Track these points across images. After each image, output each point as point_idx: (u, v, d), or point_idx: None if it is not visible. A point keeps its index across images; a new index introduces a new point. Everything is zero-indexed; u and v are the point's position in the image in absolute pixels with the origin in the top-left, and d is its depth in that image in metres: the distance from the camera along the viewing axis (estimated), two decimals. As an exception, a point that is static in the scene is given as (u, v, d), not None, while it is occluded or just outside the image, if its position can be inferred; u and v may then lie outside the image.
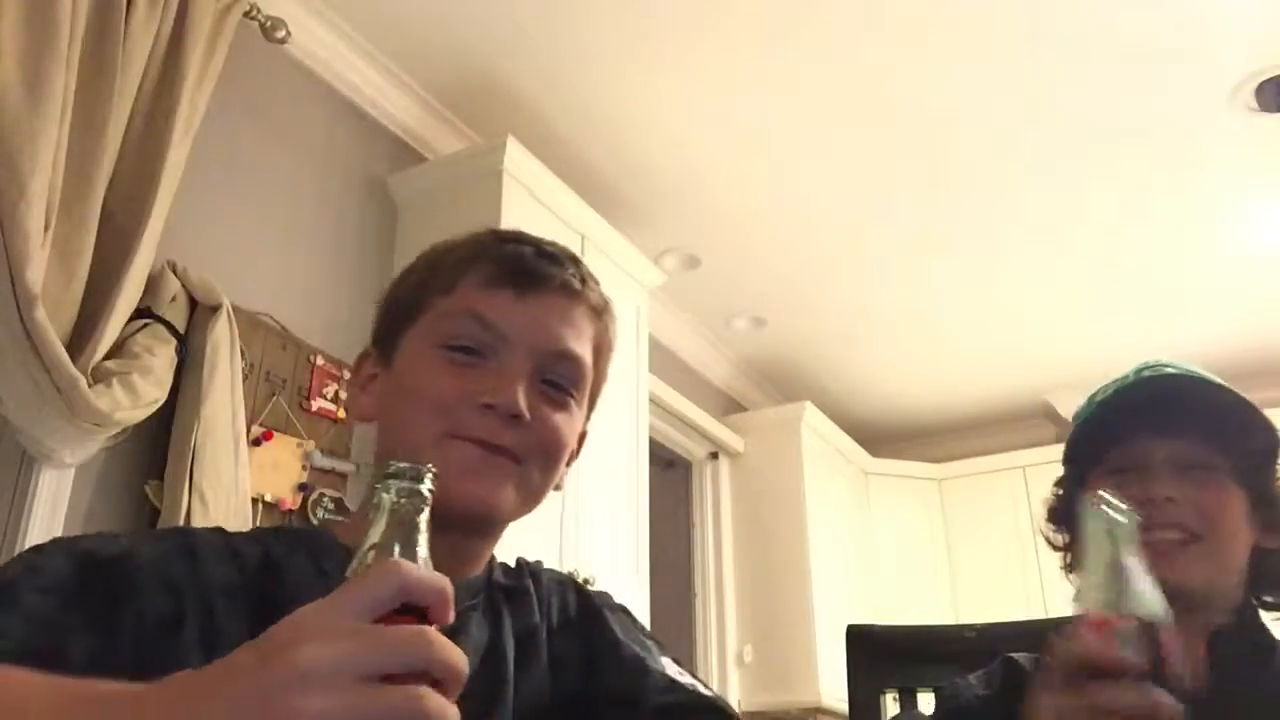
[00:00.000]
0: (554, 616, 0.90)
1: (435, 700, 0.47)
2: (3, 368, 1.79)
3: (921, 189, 3.44)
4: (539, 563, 0.96)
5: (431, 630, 0.50)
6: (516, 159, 2.80)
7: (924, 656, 1.33)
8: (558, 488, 0.90)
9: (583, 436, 0.94)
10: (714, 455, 4.43)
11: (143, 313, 2.03)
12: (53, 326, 1.79)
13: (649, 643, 0.92)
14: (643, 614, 2.96)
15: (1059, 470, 1.16)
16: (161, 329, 2.05)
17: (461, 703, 0.49)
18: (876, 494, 4.88)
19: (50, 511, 1.93)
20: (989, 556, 4.66)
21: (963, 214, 3.57)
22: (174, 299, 2.10)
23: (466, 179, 2.85)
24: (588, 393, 0.90)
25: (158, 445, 2.08)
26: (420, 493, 0.59)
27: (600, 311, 0.91)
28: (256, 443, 2.25)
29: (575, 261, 0.90)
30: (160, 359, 2.00)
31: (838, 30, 2.77)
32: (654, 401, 3.69)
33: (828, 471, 4.51)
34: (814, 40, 2.81)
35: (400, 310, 0.90)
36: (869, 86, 2.98)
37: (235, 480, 2.08)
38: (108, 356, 1.92)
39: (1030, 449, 4.80)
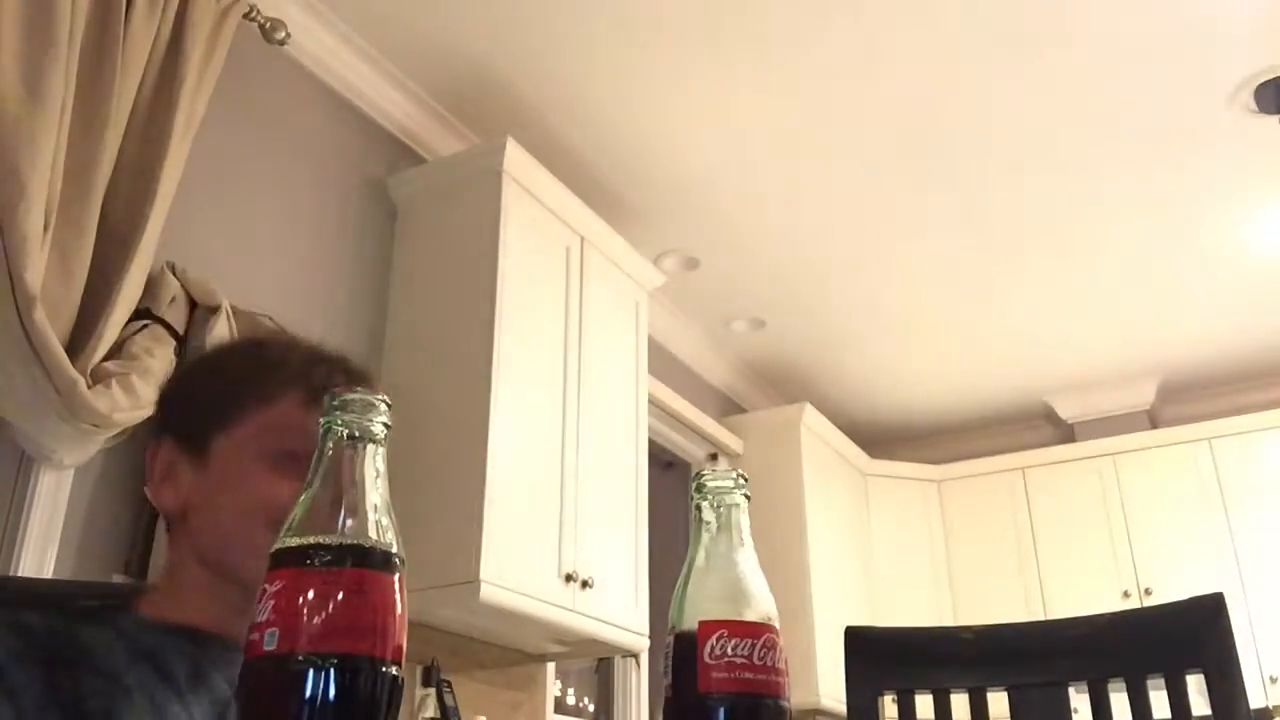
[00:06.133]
0: None
1: None
2: (2, 369, 1.79)
3: (921, 190, 3.44)
4: None
5: None
6: (516, 160, 2.80)
7: (923, 658, 1.33)
8: None
9: None
10: (713, 457, 4.42)
11: (142, 314, 2.03)
12: (52, 328, 1.78)
13: None
14: (643, 614, 2.96)
15: (1058, 471, 1.15)
16: (161, 330, 2.05)
17: None
18: (875, 495, 4.88)
19: (49, 513, 1.93)
20: (988, 558, 4.65)
21: (962, 215, 3.58)
22: (173, 300, 2.10)
23: (465, 180, 2.85)
24: None
25: (157, 446, 2.08)
26: (369, 428, 0.56)
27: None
28: (256, 444, 2.24)
29: (372, 380, 1.03)
30: (159, 360, 2.00)
31: (836, 32, 2.77)
32: (653, 403, 3.69)
33: (827, 473, 4.51)
34: (813, 42, 2.81)
35: (211, 409, 0.95)
36: (868, 88, 2.98)
37: (234, 481, 2.08)
38: (107, 357, 1.92)
39: (1029, 450, 4.81)
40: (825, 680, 3.90)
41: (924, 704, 1.28)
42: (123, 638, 0.85)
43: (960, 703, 1.26)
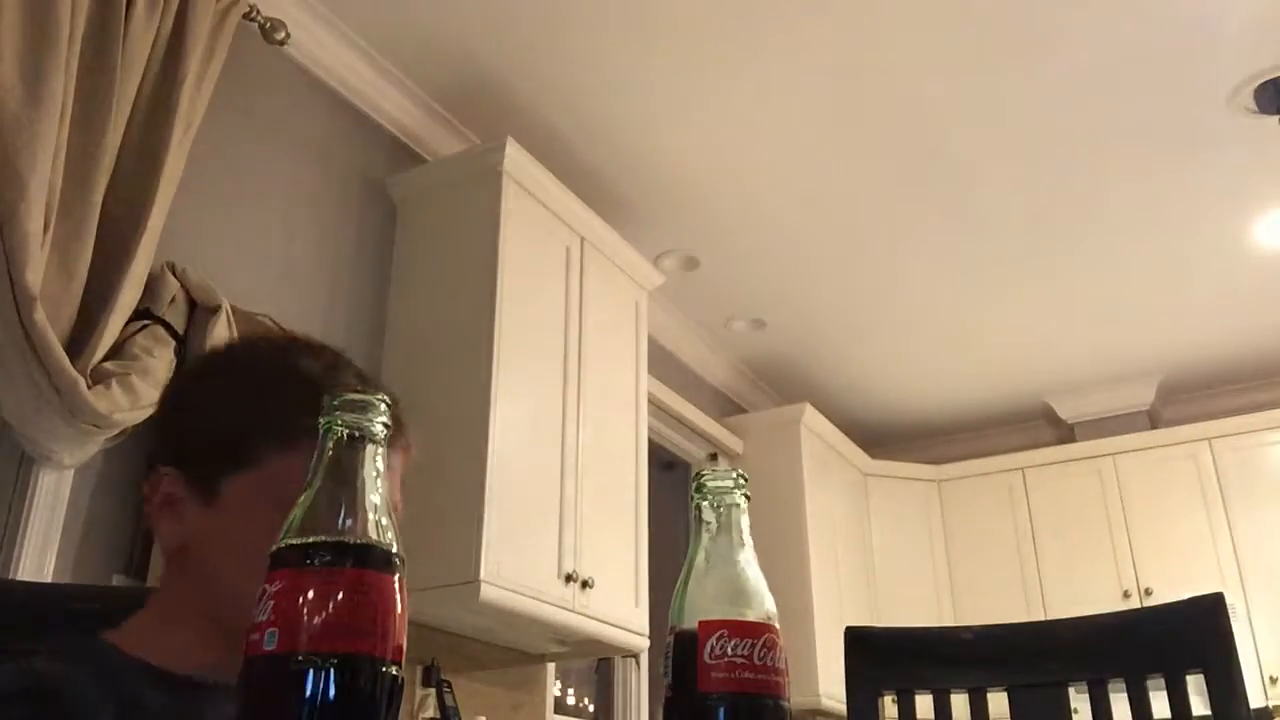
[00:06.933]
0: None
1: None
2: (2, 369, 1.79)
3: (921, 191, 3.44)
4: None
5: None
6: (515, 160, 2.80)
7: (922, 658, 1.33)
8: None
9: None
10: (713, 457, 4.42)
11: (142, 314, 2.03)
12: (52, 328, 1.79)
13: None
14: (642, 615, 2.96)
15: (1058, 471, 1.15)
16: (161, 330, 2.05)
17: None
18: (875, 495, 4.88)
19: (49, 513, 1.93)
20: (988, 558, 4.66)
21: (962, 215, 3.58)
22: (173, 300, 2.10)
23: (465, 180, 2.85)
24: None
25: (157, 446, 2.07)
26: (369, 428, 0.56)
27: (410, 446, 0.92)
28: (255, 444, 2.24)
29: (396, 405, 0.93)
30: (159, 360, 2.00)
31: (836, 31, 2.77)
32: (653, 403, 3.69)
33: (827, 473, 4.51)
34: (813, 41, 2.81)
35: (223, 447, 0.87)
36: (868, 87, 2.98)
37: (234, 481, 2.08)
38: (107, 358, 1.92)
39: (1029, 450, 4.81)
40: (825, 680, 3.90)
41: (924, 704, 1.28)
42: (99, 677, 0.79)
43: (960, 703, 1.26)
